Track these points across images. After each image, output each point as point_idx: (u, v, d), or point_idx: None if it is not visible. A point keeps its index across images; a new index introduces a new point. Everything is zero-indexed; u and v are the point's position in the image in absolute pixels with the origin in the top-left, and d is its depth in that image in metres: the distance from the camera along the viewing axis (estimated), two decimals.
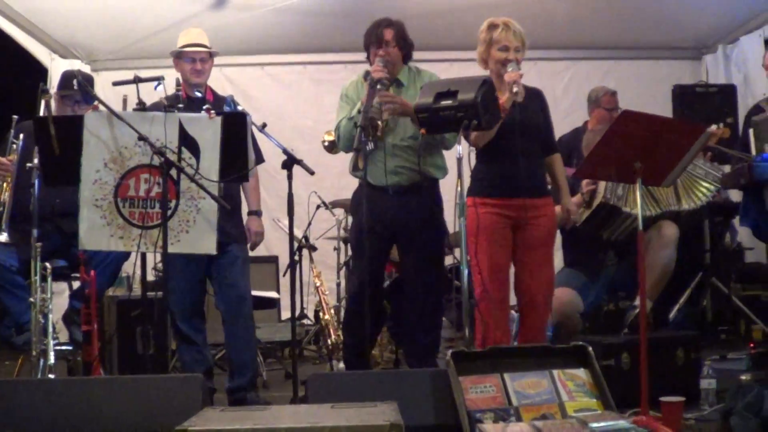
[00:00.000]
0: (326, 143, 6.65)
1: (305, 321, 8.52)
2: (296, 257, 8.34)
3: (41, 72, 8.87)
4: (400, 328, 6.36)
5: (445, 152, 5.76)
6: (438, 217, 5.85)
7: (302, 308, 8.64)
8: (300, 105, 9.35)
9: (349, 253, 7.67)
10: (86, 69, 9.01)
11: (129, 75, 5.42)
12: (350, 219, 7.24)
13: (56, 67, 8.88)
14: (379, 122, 5.47)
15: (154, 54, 8.79)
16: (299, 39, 9.23)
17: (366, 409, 3.84)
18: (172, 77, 5.70)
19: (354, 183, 5.91)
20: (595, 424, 4.02)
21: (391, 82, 5.61)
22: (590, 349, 4.60)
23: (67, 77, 6.08)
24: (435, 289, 5.82)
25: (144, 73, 5.53)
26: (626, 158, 4.64)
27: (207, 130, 4.98)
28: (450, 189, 5.08)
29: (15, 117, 5.59)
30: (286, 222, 8.20)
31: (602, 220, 6.16)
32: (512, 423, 4.18)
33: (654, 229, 6.19)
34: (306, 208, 8.19)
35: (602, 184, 6.07)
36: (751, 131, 6.24)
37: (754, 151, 6.11)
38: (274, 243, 8.92)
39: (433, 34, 9.02)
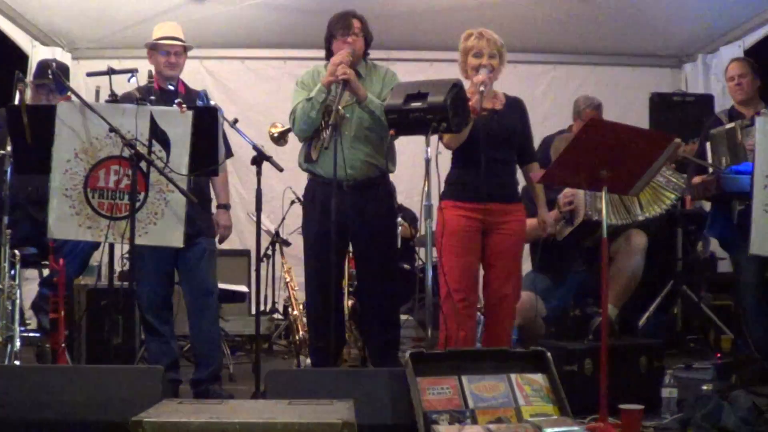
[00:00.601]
0: (275, 134, 6.62)
1: (275, 315, 8.54)
2: (269, 252, 8.40)
3: (22, 59, 8.85)
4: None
5: (415, 155, 5.76)
6: (393, 212, 5.93)
7: (273, 303, 8.67)
8: (279, 100, 9.29)
9: None
10: (67, 57, 9.05)
11: (109, 65, 5.43)
12: None
13: (37, 54, 8.89)
14: (338, 109, 5.40)
15: (135, 44, 8.69)
16: (280, 34, 9.26)
17: (322, 406, 3.87)
18: (145, 70, 5.71)
19: None
20: (549, 429, 4.05)
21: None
22: (549, 354, 4.63)
23: (42, 66, 6.10)
24: (391, 287, 5.84)
25: (124, 64, 5.58)
26: (593, 166, 4.67)
27: (178, 123, 4.99)
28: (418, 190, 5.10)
29: None
30: (262, 217, 8.29)
31: (584, 233, 6.22)
32: (467, 426, 4.20)
33: (623, 237, 6.25)
34: (281, 203, 8.21)
35: (581, 201, 6.11)
36: (708, 144, 6.29)
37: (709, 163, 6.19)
38: (247, 237, 8.94)
39: (413, 34, 9.10)
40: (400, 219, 7.81)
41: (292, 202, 8.13)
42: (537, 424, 4.16)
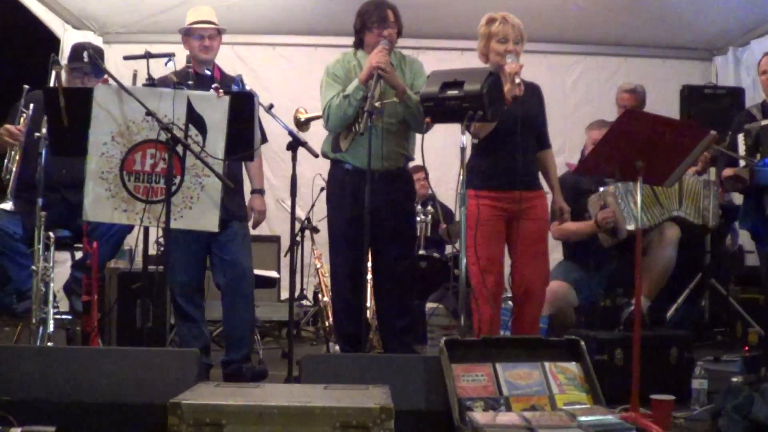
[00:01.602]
0: (302, 119, 6.63)
1: (304, 302, 8.56)
2: (298, 238, 8.41)
3: (54, 42, 8.89)
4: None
5: (445, 143, 5.78)
6: (414, 199, 5.99)
7: (302, 289, 8.69)
8: (309, 86, 9.23)
9: None
10: (98, 41, 9.05)
11: (140, 49, 5.44)
12: None
13: (69, 37, 8.91)
14: (374, 95, 5.39)
15: (165, 29, 8.79)
16: (311, 21, 9.26)
17: (358, 391, 3.89)
18: (182, 54, 5.75)
19: None
20: (583, 418, 4.06)
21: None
22: (582, 343, 4.64)
23: (77, 49, 6.12)
24: (410, 274, 5.87)
25: (154, 48, 5.56)
26: (628, 156, 4.67)
27: (215, 108, 5.01)
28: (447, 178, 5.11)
29: (26, 87, 5.65)
30: (289, 203, 8.30)
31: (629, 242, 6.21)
32: (502, 412, 4.23)
33: (657, 229, 6.24)
34: (310, 189, 8.21)
35: (620, 215, 6.10)
36: (740, 137, 6.27)
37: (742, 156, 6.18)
38: (277, 223, 8.96)
39: (444, 23, 9.07)
40: (430, 208, 7.84)
41: (322, 189, 8.12)
42: (571, 412, 4.17)
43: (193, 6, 6.13)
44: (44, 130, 5.15)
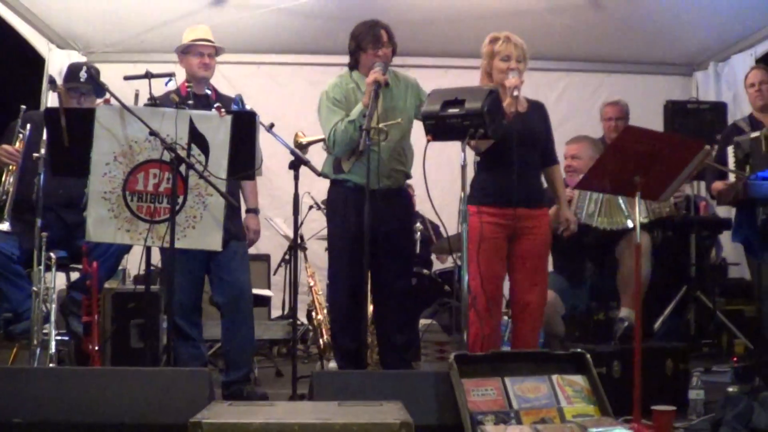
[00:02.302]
0: (303, 143, 6.67)
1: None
2: (286, 257, 8.44)
3: (39, 62, 8.88)
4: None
5: (447, 160, 5.84)
6: (413, 215, 6.07)
7: (290, 307, 8.69)
8: (295, 105, 9.32)
9: None
10: (82, 61, 9.03)
11: (125, 68, 5.49)
12: None
13: (53, 57, 8.92)
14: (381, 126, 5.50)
15: (151, 49, 8.87)
16: (296, 40, 9.30)
17: (373, 407, 3.91)
18: (181, 74, 5.77)
19: None
20: (593, 429, 4.11)
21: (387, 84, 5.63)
22: (588, 356, 4.70)
23: (73, 70, 6.11)
24: (410, 290, 5.92)
25: (139, 68, 5.56)
26: (627, 172, 4.75)
27: (217, 128, 5.05)
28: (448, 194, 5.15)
29: (23, 107, 5.65)
30: (278, 221, 8.33)
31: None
32: (513, 426, 4.27)
33: (624, 240, 6.23)
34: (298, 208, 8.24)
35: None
36: (730, 149, 6.36)
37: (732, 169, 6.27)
38: (263, 242, 8.93)
39: (430, 42, 9.15)
40: (418, 225, 7.87)
41: (310, 207, 8.17)
42: (582, 424, 4.22)
43: (188, 26, 6.15)
44: (42, 151, 5.17)
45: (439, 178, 5.15)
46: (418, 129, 5.64)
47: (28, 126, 5.57)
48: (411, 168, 5.86)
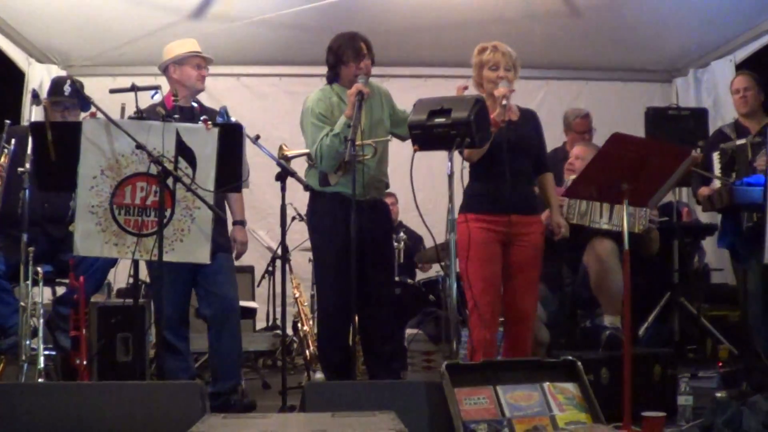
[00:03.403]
0: (288, 156, 6.67)
1: (278, 332, 8.55)
2: (271, 268, 8.44)
3: (19, 76, 8.85)
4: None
5: (434, 168, 5.87)
6: (393, 225, 6.10)
7: (274, 319, 8.69)
8: (274, 116, 9.35)
9: None
10: (62, 74, 9.01)
11: (105, 82, 5.52)
12: None
13: (33, 71, 8.92)
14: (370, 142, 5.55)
15: (130, 62, 8.86)
16: (275, 51, 9.32)
17: (366, 418, 3.90)
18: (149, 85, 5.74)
19: None
20: None
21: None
22: (579, 363, 4.71)
23: (57, 83, 6.11)
24: (393, 299, 6.01)
25: (119, 81, 5.58)
26: (615, 179, 4.78)
27: (204, 140, 5.03)
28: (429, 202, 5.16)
29: (7, 122, 5.63)
30: (261, 233, 8.32)
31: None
32: None
33: (589, 245, 6.18)
34: (278, 219, 8.23)
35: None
36: (715, 155, 6.40)
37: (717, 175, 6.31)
38: (247, 254, 8.89)
39: (408, 51, 9.17)
40: (402, 234, 7.88)
41: (293, 219, 8.15)
42: (574, 431, 4.24)
43: (154, 37, 6.19)
44: (27, 165, 5.15)
45: (421, 187, 5.15)
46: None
47: (13, 140, 5.53)
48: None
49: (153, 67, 6.22)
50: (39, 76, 8.87)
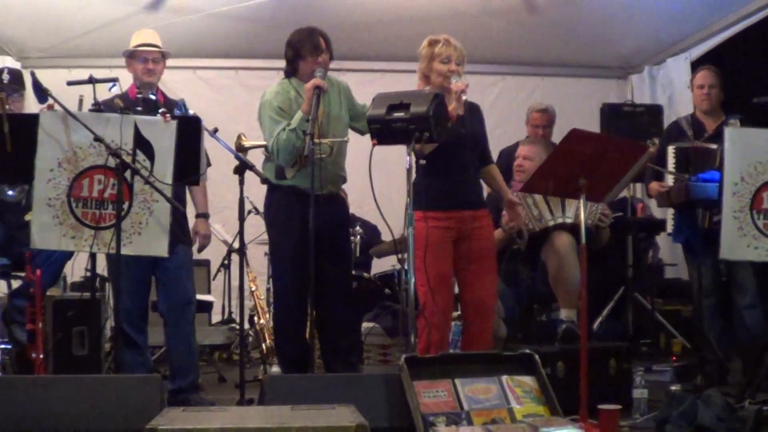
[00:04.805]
0: (246, 146, 6.64)
1: (234, 325, 8.53)
2: (226, 261, 8.42)
3: None
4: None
5: (392, 163, 5.89)
6: (349, 219, 6.17)
7: (230, 312, 8.68)
8: (231, 110, 9.29)
9: None
10: (16, 66, 8.90)
11: (60, 73, 5.44)
12: None
13: None
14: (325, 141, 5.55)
15: (86, 53, 8.75)
16: (232, 44, 9.24)
17: (326, 411, 3.93)
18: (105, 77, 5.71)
19: None
20: (545, 429, 4.16)
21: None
22: (537, 357, 4.76)
23: None
24: (351, 293, 6.03)
25: (75, 73, 5.54)
26: (572, 174, 4.82)
27: (162, 133, 5.02)
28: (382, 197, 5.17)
29: None
30: (217, 227, 8.28)
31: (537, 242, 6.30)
32: (464, 427, 4.31)
33: (548, 241, 6.22)
34: (235, 212, 8.21)
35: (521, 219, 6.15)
36: (670, 149, 6.45)
37: (671, 170, 6.36)
38: None
39: (364, 46, 9.17)
40: (359, 228, 7.88)
41: (249, 212, 8.12)
42: (532, 424, 4.28)
43: (111, 28, 6.12)
44: None
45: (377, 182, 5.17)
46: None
47: None
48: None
49: (109, 59, 6.19)
50: None
